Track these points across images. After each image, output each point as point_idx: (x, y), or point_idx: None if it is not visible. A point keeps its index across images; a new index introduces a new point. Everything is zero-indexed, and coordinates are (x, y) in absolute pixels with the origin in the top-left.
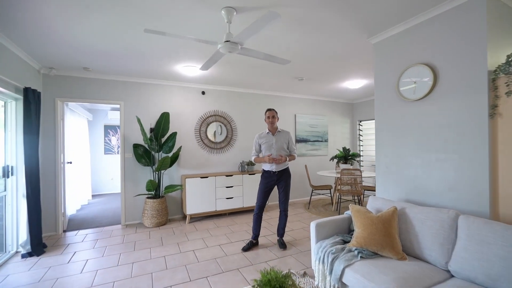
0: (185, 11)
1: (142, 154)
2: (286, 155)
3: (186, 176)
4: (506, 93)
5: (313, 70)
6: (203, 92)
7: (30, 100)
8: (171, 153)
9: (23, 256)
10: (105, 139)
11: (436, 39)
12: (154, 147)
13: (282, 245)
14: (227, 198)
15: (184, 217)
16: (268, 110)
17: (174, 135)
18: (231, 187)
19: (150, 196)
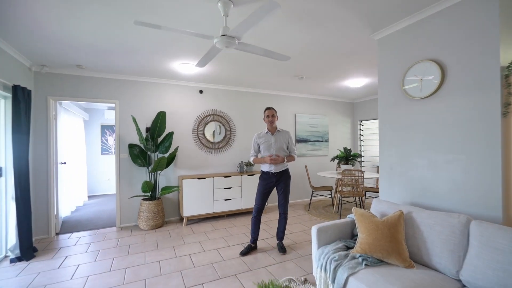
0: (179, 4)
1: (138, 155)
2: (286, 156)
3: (183, 177)
4: None
5: (313, 67)
6: (200, 91)
7: (20, 98)
8: (168, 153)
9: (12, 260)
10: (101, 139)
11: (444, 34)
12: (150, 147)
13: (282, 249)
14: (225, 200)
15: (181, 219)
16: (267, 109)
17: (171, 135)
18: (230, 188)
19: (146, 197)
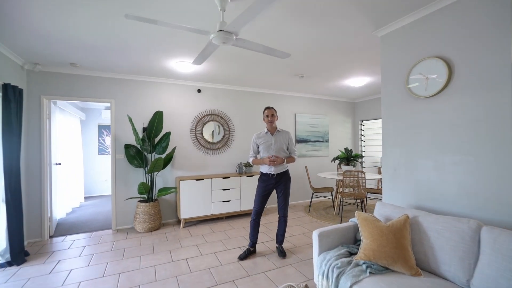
0: None
1: (134, 155)
2: (286, 157)
3: (180, 178)
4: None
5: (314, 66)
6: (199, 90)
7: (10, 97)
8: (165, 154)
9: (2, 265)
10: (99, 139)
11: (451, 30)
12: (147, 148)
13: (282, 253)
14: (224, 201)
15: (178, 221)
16: (267, 108)
17: (168, 135)
18: (228, 189)
19: (142, 199)
